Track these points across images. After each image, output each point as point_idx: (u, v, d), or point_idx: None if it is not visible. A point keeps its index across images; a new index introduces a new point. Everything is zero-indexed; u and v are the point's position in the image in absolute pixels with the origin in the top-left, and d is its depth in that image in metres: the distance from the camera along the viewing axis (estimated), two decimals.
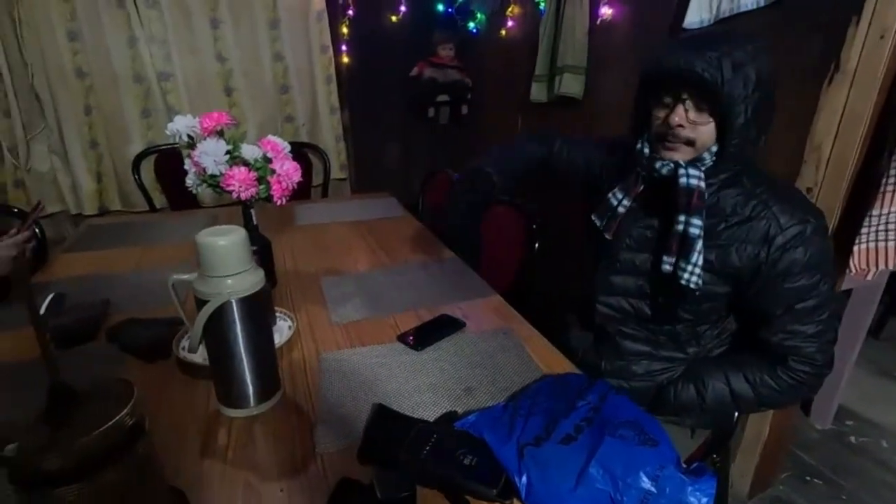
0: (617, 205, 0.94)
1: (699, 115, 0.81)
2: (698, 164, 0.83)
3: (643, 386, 1.01)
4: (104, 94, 2.13)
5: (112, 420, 0.49)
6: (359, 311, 1.15)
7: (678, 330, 0.97)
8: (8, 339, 1.03)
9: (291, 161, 1.17)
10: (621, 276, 0.99)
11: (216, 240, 0.73)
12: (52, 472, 0.46)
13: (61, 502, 0.47)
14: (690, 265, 0.84)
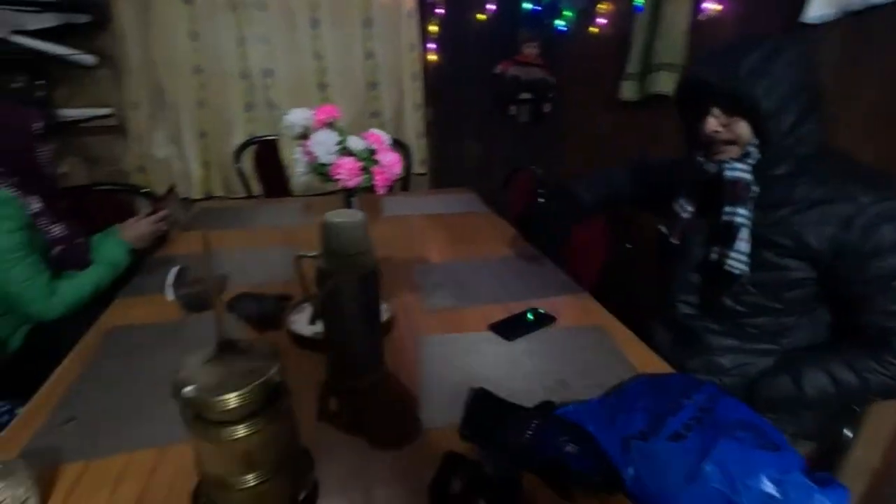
0: (681, 211, 1.01)
1: (730, 118, 0.88)
2: (745, 159, 0.88)
3: (735, 382, 0.99)
4: (215, 89, 2.33)
5: (267, 374, 0.55)
6: (449, 299, 1.19)
7: (764, 322, 0.96)
8: (143, 303, 1.17)
9: (393, 153, 1.23)
10: (697, 274, 1.02)
11: (342, 221, 0.79)
12: (222, 412, 0.53)
13: (228, 439, 0.54)
14: (735, 252, 0.89)
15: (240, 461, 0.56)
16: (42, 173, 1.15)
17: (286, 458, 0.61)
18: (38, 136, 1.12)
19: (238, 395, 0.53)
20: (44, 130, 1.13)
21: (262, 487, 0.59)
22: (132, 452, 0.72)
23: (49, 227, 1.17)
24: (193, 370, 0.56)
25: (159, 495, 0.65)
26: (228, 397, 0.52)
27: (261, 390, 0.55)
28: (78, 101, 2.20)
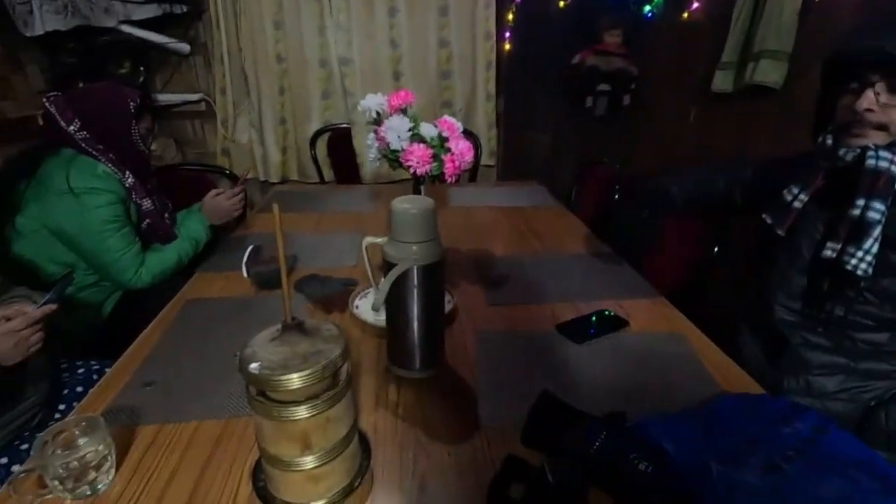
0: (792, 200, 0.88)
1: (892, 97, 0.77)
2: (894, 148, 0.78)
3: (840, 408, 0.87)
4: (295, 76, 2.41)
5: (331, 357, 0.54)
6: (514, 295, 1.15)
7: (882, 339, 0.84)
8: (220, 278, 1.22)
9: (465, 141, 1.20)
10: (803, 275, 0.90)
11: (409, 207, 0.77)
12: (284, 391, 0.53)
13: (288, 419, 0.54)
14: (861, 251, 0.79)
15: (298, 442, 0.56)
16: (136, 150, 1.23)
17: (344, 444, 0.60)
18: (134, 115, 1.19)
19: (300, 375, 0.52)
20: (139, 109, 1.21)
21: (319, 471, 0.58)
22: (201, 421, 0.74)
23: (140, 202, 1.26)
24: (259, 347, 0.56)
25: (223, 465, 0.67)
26: (291, 377, 0.52)
27: (324, 373, 0.54)
28: (172, 87, 2.37)
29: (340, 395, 0.57)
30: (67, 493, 0.60)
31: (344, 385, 0.58)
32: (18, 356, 0.77)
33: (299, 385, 0.52)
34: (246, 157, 2.51)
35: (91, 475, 0.61)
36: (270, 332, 0.58)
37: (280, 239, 0.55)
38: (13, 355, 0.76)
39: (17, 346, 0.76)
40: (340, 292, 1.11)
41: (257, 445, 0.59)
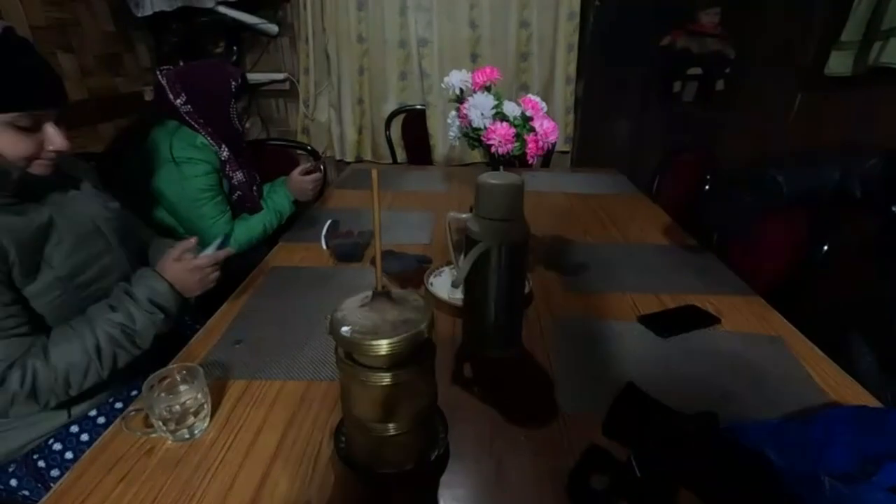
0: None
1: None
2: None
3: None
4: (375, 57, 2.44)
5: (419, 327, 0.54)
6: (592, 282, 1.10)
7: None
8: (301, 249, 1.27)
9: (550, 121, 1.15)
10: None
11: (498, 182, 0.75)
12: (373, 356, 0.53)
13: (374, 384, 0.54)
14: None
15: (382, 408, 0.56)
16: (232, 127, 1.30)
17: (425, 415, 0.60)
18: (234, 94, 1.26)
19: (389, 342, 0.52)
20: (239, 89, 1.27)
21: (400, 439, 0.58)
22: (285, 381, 0.78)
23: (232, 174, 1.33)
24: (349, 312, 0.57)
25: (305, 423, 0.69)
26: (381, 342, 0.52)
27: (411, 341, 0.53)
28: (260, 66, 2.47)
29: (425, 364, 0.57)
30: (169, 433, 0.65)
31: (429, 356, 0.58)
32: (199, 290, 0.86)
33: (387, 351, 0.53)
34: (324, 135, 2.59)
35: (189, 420, 0.66)
36: (360, 298, 0.59)
37: (377, 207, 0.55)
38: (196, 288, 0.85)
39: (201, 281, 0.85)
40: (415, 269, 1.12)
41: (341, 407, 0.60)
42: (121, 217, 0.91)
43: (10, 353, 0.68)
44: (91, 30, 1.86)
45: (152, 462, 0.63)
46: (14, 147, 0.70)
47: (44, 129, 0.73)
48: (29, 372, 0.68)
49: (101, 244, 0.84)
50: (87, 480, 0.60)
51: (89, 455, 0.63)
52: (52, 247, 0.76)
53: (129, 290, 0.78)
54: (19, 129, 0.70)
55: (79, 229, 0.80)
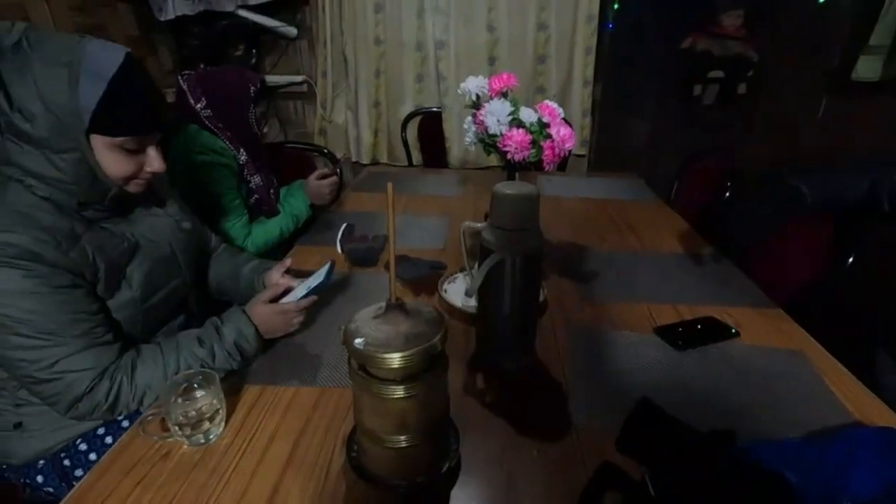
0: None
1: None
2: None
3: None
4: (391, 59, 2.45)
5: (431, 340, 0.54)
6: (608, 292, 1.09)
7: None
8: (317, 253, 1.28)
9: (566, 127, 1.15)
10: None
11: (512, 193, 0.74)
12: (385, 369, 0.53)
13: (386, 396, 0.54)
14: None
15: (394, 420, 0.56)
16: (251, 131, 1.31)
17: (437, 427, 0.60)
18: (252, 99, 1.27)
19: (402, 355, 0.52)
20: (258, 94, 1.28)
21: (411, 450, 0.58)
22: (299, 387, 0.78)
23: (250, 178, 1.34)
24: (363, 323, 0.57)
25: (318, 432, 0.70)
26: (393, 356, 0.52)
27: (423, 355, 0.53)
28: (279, 69, 2.50)
29: (438, 377, 0.57)
30: (185, 438, 0.66)
31: (442, 368, 0.58)
32: (281, 333, 0.87)
33: (400, 365, 0.53)
34: (341, 137, 2.60)
35: (205, 425, 0.67)
36: (373, 309, 0.59)
37: (392, 221, 0.55)
38: (279, 331, 0.86)
39: (285, 325, 0.86)
40: (429, 275, 1.12)
41: (354, 417, 0.60)
42: (192, 237, 0.95)
43: (100, 361, 0.70)
44: (116, 34, 1.90)
45: (168, 466, 0.64)
46: (118, 167, 0.74)
47: (147, 151, 0.77)
48: (115, 386, 0.71)
49: (174, 269, 0.88)
50: (105, 483, 0.61)
51: (108, 457, 0.65)
52: (134, 268, 0.80)
53: (220, 328, 0.79)
54: (126, 151, 0.73)
55: (157, 253, 0.84)
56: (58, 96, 0.65)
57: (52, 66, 0.65)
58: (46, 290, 0.67)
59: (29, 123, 0.66)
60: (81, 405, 0.69)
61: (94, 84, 0.67)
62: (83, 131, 0.68)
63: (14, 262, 0.65)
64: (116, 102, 0.69)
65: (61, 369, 0.68)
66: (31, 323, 0.66)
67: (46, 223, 0.69)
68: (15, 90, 0.65)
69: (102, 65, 0.68)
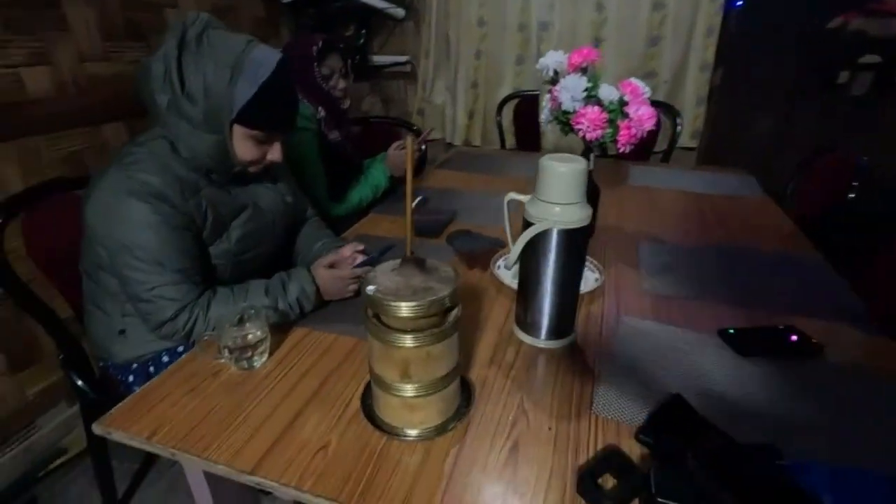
0: None
1: None
2: None
3: None
4: (493, 40, 2.44)
5: (438, 294, 0.55)
6: (675, 286, 1.00)
7: None
8: (387, 221, 1.34)
9: (649, 107, 1.06)
10: None
11: (557, 165, 0.72)
12: (394, 317, 0.56)
13: (393, 344, 0.57)
14: None
15: (399, 368, 0.59)
16: (320, 89, 1.38)
17: (443, 383, 0.61)
18: (315, 58, 1.35)
19: (408, 305, 0.54)
20: (321, 53, 1.36)
21: (416, 401, 0.60)
22: (339, 335, 0.84)
23: (328, 132, 1.42)
24: (381, 273, 0.60)
25: (344, 376, 0.74)
26: (399, 305, 0.54)
27: (429, 308, 0.55)
28: (387, 49, 2.62)
29: (444, 334, 0.58)
30: (232, 362, 0.75)
31: (450, 326, 0.59)
32: (338, 297, 0.93)
33: (406, 314, 0.55)
34: (438, 118, 2.67)
35: (250, 353, 0.75)
36: (394, 262, 0.61)
37: (410, 172, 0.56)
38: (336, 295, 0.93)
39: (341, 290, 0.92)
40: (486, 250, 1.12)
41: (369, 364, 0.64)
42: (291, 211, 1.08)
43: (185, 296, 0.82)
44: (245, 16, 2.12)
45: (215, 382, 0.73)
46: (247, 152, 0.87)
47: (273, 143, 0.90)
48: (192, 318, 0.82)
49: (269, 234, 1.01)
50: (163, 388, 0.72)
51: (170, 369, 0.76)
52: (237, 225, 0.93)
53: (286, 282, 0.87)
54: (257, 141, 0.87)
55: (259, 218, 0.97)
56: (218, 91, 0.79)
57: (221, 67, 0.78)
58: (165, 227, 0.80)
59: (191, 107, 0.79)
60: (165, 328, 0.81)
61: (249, 86, 0.80)
62: (228, 121, 0.81)
63: (147, 199, 0.79)
64: (262, 102, 0.81)
65: (157, 294, 0.80)
66: (145, 250, 0.79)
67: (179, 174, 0.83)
68: (189, 78, 0.78)
69: (259, 70, 0.80)
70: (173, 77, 0.77)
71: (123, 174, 0.79)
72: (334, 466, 0.59)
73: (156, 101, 0.80)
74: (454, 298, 0.58)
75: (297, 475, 0.58)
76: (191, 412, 0.68)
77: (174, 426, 0.65)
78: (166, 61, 0.77)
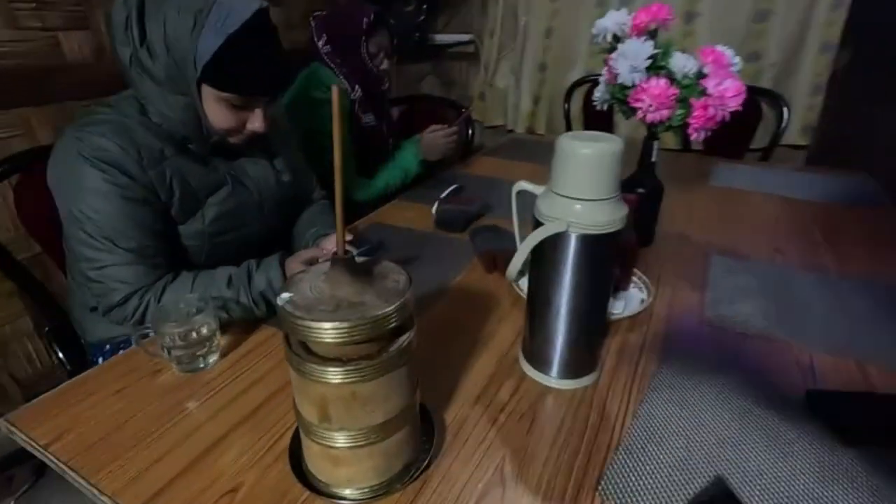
0: None
1: None
2: None
3: None
4: (566, 17, 2.19)
5: (370, 316, 0.39)
6: (752, 317, 0.76)
7: None
8: (412, 209, 1.19)
9: (736, 81, 0.82)
10: None
11: (578, 145, 0.52)
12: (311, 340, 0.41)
13: (308, 374, 0.42)
14: None
15: (315, 406, 0.43)
16: (364, 65, 1.26)
17: (380, 433, 0.45)
18: (365, 31, 1.22)
19: (319, 327, 0.39)
20: (371, 27, 1.22)
21: (339, 453, 0.45)
22: None
23: (362, 114, 1.30)
24: (310, 276, 0.45)
25: None
26: (308, 325, 0.39)
27: (351, 333, 0.39)
28: (451, 28, 2.46)
29: (382, 369, 0.42)
30: (174, 362, 0.64)
31: (392, 358, 0.42)
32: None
33: (322, 338, 0.39)
34: (499, 103, 2.47)
35: (193, 353, 0.64)
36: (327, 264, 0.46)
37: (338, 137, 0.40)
38: None
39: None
40: (511, 252, 0.93)
41: None
42: (287, 190, 0.95)
43: (138, 279, 0.72)
44: None
45: (153, 383, 0.63)
46: (221, 119, 0.76)
47: (254, 110, 0.78)
48: (143, 305, 0.73)
49: (254, 215, 0.89)
50: (92, 384, 0.63)
51: (109, 362, 0.67)
52: (214, 202, 0.82)
53: (252, 273, 0.76)
54: (231, 106, 0.75)
55: (242, 196, 0.86)
56: (179, 42, 0.67)
57: (183, 13, 0.66)
58: (118, 198, 0.71)
59: (151, 61, 0.69)
60: (114, 313, 0.72)
61: (214, 36, 0.67)
62: (195, 79, 0.70)
63: (100, 165, 0.70)
64: (229, 59, 0.69)
65: (106, 275, 0.71)
66: (94, 222, 0.70)
67: (139, 140, 0.72)
68: (149, 27, 0.68)
69: (228, 19, 0.67)
70: (132, 25, 0.66)
71: (77, 135, 0.70)
72: None
73: (118, 55, 0.70)
74: (403, 320, 0.42)
75: None
76: (108, 418, 0.57)
77: (82, 434, 0.55)
78: (127, 6, 0.66)
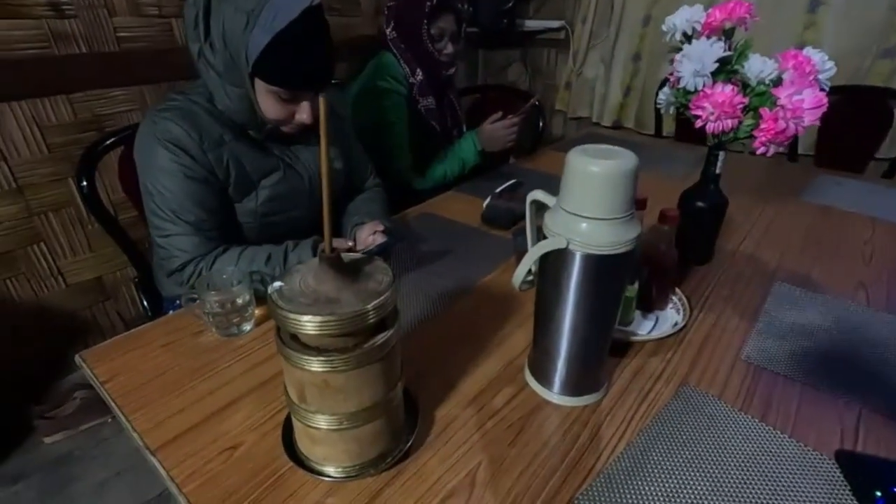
0: None
1: None
2: None
3: None
4: (667, 4, 2.02)
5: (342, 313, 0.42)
6: (796, 360, 0.68)
7: None
8: (463, 202, 1.20)
9: (817, 91, 0.72)
10: None
11: (587, 162, 0.50)
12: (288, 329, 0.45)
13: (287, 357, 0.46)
14: None
15: (294, 386, 0.48)
16: (426, 49, 1.26)
17: (353, 420, 0.48)
18: (427, 14, 1.22)
19: (297, 319, 0.42)
20: (434, 10, 1.22)
21: (315, 433, 0.49)
22: None
23: (421, 98, 1.31)
24: (306, 268, 0.48)
25: None
26: (287, 315, 0.42)
27: (322, 327, 0.42)
28: (542, 14, 2.38)
29: (354, 362, 0.45)
30: (213, 326, 0.72)
31: (364, 354, 0.45)
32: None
33: (298, 329, 0.43)
34: (586, 94, 2.36)
35: (229, 320, 0.71)
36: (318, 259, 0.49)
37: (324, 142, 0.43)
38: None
39: None
40: None
41: None
42: (339, 177, 1.02)
43: (194, 250, 0.82)
44: None
45: (192, 342, 0.72)
46: (271, 110, 0.82)
47: (300, 102, 0.83)
48: (196, 273, 0.82)
49: (304, 201, 0.96)
50: (146, 336, 0.73)
51: (161, 320, 0.77)
52: (267, 185, 0.90)
53: (288, 253, 0.84)
54: (280, 98, 0.81)
55: (293, 181, 0.93)
56: (234, 38, 0.74)
57: (238, 12, 0.73)
58: (181, 175, 0.80)
59: (213, 55, 0.77)
60: (173, 277, 0.83)
61: (263, 34, 0.73)
62: (247, 73, 0.77)
63: (168, 146, 0.80)
64: (277, 55, 0.75)
65: (169, 243, 0.82)
66: (162, 196, 0.81)
67: (202, 125, 0.81)
68: (212, 24, 0.76)
69: (276, 19, 0.73)
70: (199, 22, 0.74)
71: (153, 118, 0.80)
72: (227, 475, 0.51)
73: (189, 49, 0.78)
74: (381, 319, 0.44)
75: (189, 471, 0.52)
76: (152, 367, 0.67)
77: (131, 377, 0.65)
78: (196, 5, 0.74)
